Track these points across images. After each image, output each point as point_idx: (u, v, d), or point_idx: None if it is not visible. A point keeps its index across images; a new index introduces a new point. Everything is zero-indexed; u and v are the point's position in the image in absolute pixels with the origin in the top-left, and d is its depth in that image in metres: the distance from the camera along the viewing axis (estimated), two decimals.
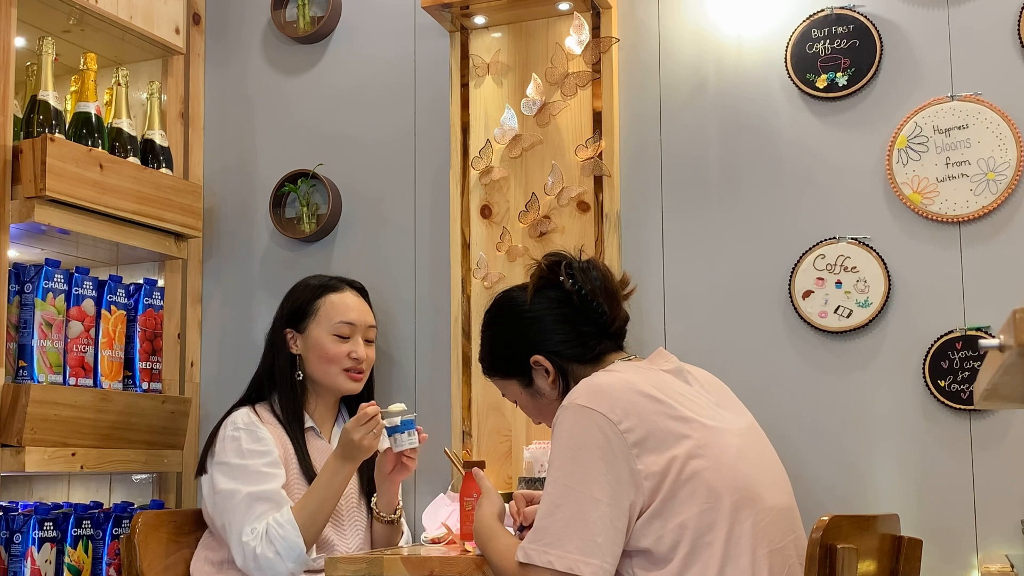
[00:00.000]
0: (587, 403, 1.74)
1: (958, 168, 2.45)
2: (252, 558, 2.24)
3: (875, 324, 2.48)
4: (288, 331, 2.53)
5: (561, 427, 1.76)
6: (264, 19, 3.17)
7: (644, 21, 2.76)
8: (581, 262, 1.97)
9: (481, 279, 2.74)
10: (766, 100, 2.64)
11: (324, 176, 2.98)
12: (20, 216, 2.56)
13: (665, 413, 1.74)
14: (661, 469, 1.69)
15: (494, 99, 2.79)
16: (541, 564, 1.67)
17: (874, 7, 2.56)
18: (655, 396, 1.76)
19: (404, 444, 2.34)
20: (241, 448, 2.36)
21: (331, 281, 2.59)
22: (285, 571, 2.24)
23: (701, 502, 1.69)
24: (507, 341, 2.00)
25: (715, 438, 1.75)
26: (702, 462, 1.71)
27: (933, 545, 2.22)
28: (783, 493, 1.83)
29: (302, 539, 2.24)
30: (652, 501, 1.69)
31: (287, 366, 2.51)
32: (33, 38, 2.80)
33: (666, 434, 1.72)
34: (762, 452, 1.86)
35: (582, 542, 1.66)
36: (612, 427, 1.71)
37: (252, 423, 2.40)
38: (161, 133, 2.99)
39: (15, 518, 2.65)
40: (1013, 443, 2.36)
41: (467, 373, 2.73)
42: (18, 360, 2.59)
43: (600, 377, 1.82)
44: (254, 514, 2.27)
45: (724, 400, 1.91)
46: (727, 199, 2.65)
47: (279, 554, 2.23)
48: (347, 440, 2.30)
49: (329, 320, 2.50)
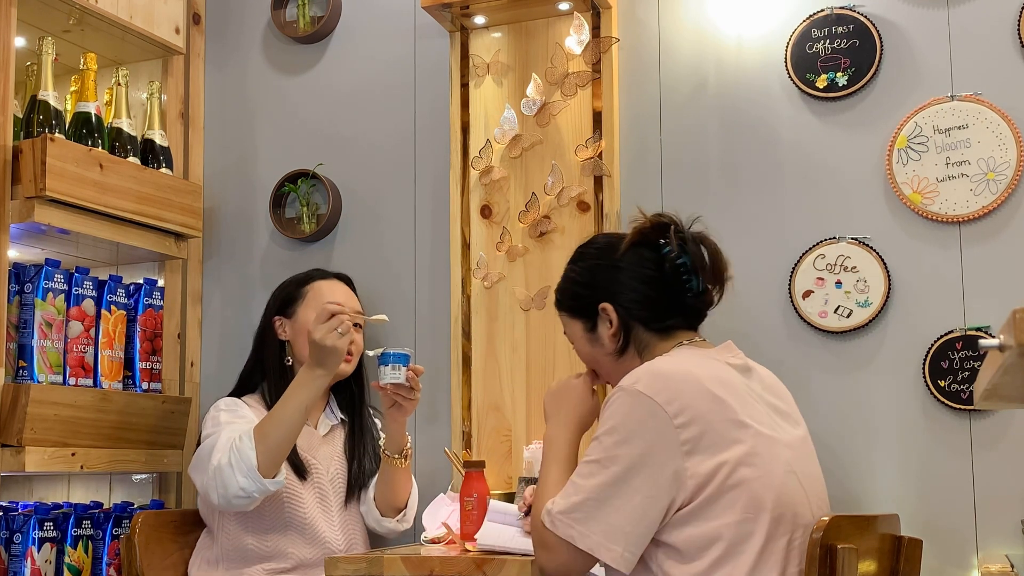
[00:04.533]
0: (645, 390, 1.70)
1: (958, 168, 2.45)
2: (213, 471, 2.21)
3: (875, 324, 2.48)
4: (277, 318, 2.57)
5: (614, 408, 1.72)
6: (264, 19, 3.17)
7: (644, 21, 2.76)
8: (687, 232, 1.91)
9: (481, 279, 2.74)
10: (766, 100, 2.64)
11: (324, 176, 2.98)
12: (20, 216, 2.56)
13: (723, 414, 1.70)
14: (708, 471, 1.66)
15: (494, 99, 2.79)
16: (563, 536, 1.67)
17: (874, 7, 2.56)
18: (716, 394, 1.71)
19: (387, 378, 2.27)
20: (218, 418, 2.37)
21: (317, 271, 2.67)
22: (235, 485, 2.19)
23: (741, 511, 1.66)
24: (585, 281, 1.95)
25: (768, 448, 1.71)
26: (751, 471, 1.67)
27: (933, 545, 2.22)
28: (821, 508, 1.80)
29: (255, 452, 2.19)
30: (692, 500, 1.67)
31: (276, 352, 2.54)
32: (33, 38, 2.80)
33: (720, 436, 1.68)
34: (809, 468, 1.82)
35: (609, 527, 1.65)
36: (667, 420, 1.67)
37: (234, 403, 2.44)
38: (161, 133, 2.99)
39: (15, 518, 2.65)
40: (1013, 443, 2.36)
41: (467, 373, 2.73)
42: (18, 360, 2.59)
43: (664, 364, 1.78)
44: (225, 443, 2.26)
45: (783, 406, 1.87)
46: (727, 199, 2.65)
47: (231, 465, 2.19)
48: (311, 341, 2.24)
49: (317, 301, 2.51)
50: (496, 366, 2.71)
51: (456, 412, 2.72)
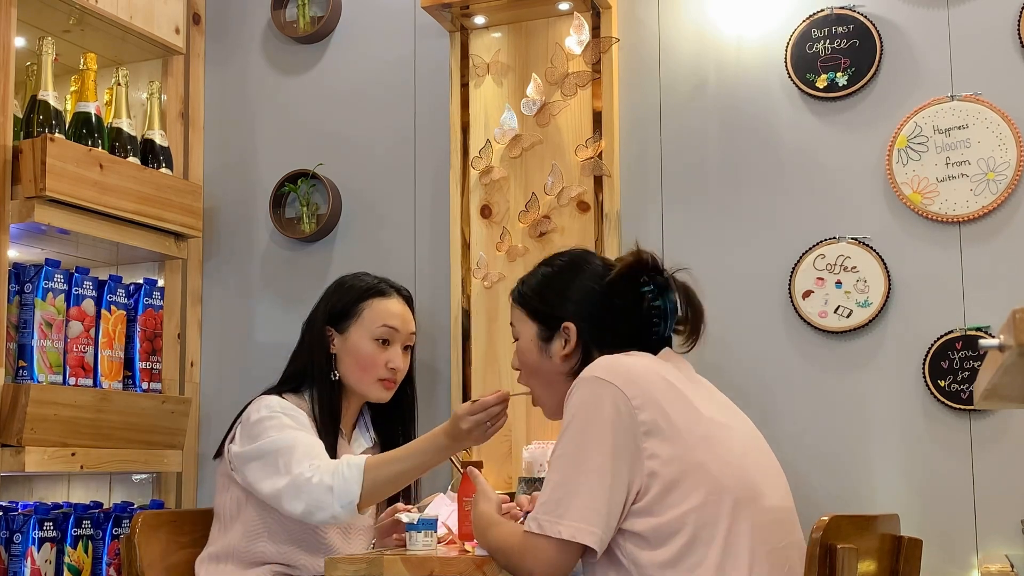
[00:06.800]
0: (604, 376, 1.74)
1: (958, 168, 2.45)
2: (303, 482, 2.11)
3: (875, 324, 2.48)
4: (328, 329, 2.43)
5: (575, 397, 1.76)
6: (264, 19, 3.17)
7: (644, 21, 2.76)
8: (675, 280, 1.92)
9: (481, 279, 2.74)
10: (766, 100, 2.64)
11: (324, 176, 2.98)
12: (20, 216, 2.56)
13: (678, 402, 1.74)
14: (666, 455, 1.70)
15: (494, 99, 2.79)
16: (551, 534, 1.68)
17: (874, 7, 2.56)
18: (672, 383, 1.77)
19: (418, 544, 2.10)
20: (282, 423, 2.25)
21: (379, 284, 2.47)
22: (331, 510, 2.11)
23: (703, 494, 1.69)
24: (558, 290, 1.94)
25: (723, 433, 1.76)
26: (708, 455, 1.71)
27: (933, 545, 2.22)
28: (783, 495, 1.83)
29: (361, 488, 2.11)
30: (652, 485, 1.69)
31: (325, 364, 2.40)
32: (33, 38, 2.80)
33: (677, 421, 1.72)
34: (765, 454, 1.86)
35: (586, 510, 1.67)
36: (626, 402, 1.71)
37: (289, 407, 2.30)
38: (161, 133, 2.99)
39: (15, 518, 2.65)
40: (1013, 443, 2.36)
41: (467, 373, 2.72)
42: (18, 360, 2.59)
43: (619, 357, 1.81)
44: (315, 453, 2.16)
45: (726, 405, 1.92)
46: (727, 199, 2.65)
47: (332, 489, 2.10)
48: (455, 422, 2.12)
49: (372, 324, 2.40)
50: (496, 366, 2.70)
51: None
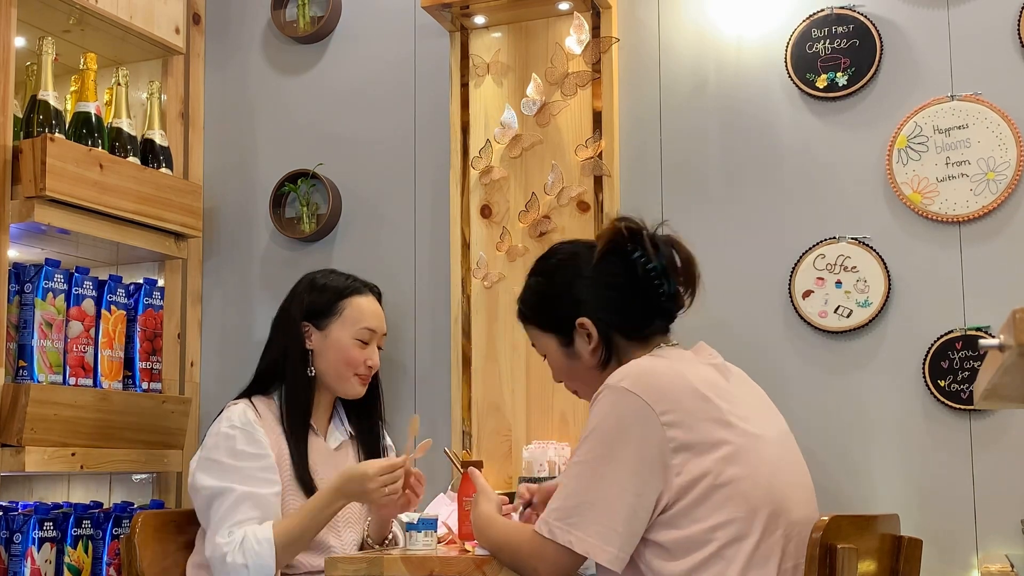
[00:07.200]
0: (632, 387, 1.69)
1: (958, 168, 2.45)
2: (221, 560, 2.20)
3: (875, 324, 2.48)
4: (306, 324, 2.42)
5: (601, 407, 1.71)
6: (264, 19, 3.17)
7: (644, 21, 2.76)
8: (658, 236, 1.86)
9: (481, 279, 2.74)
10: (766, 100, 2.64)
11: (324, 176, 2.98)
12: (20, 216, 2.56)
13: (709, 413, 1.69)
14: (696, 469, 1.66)
15: (494, 99, 2.79)
16: (562, 542, 1.66)
17: (874, 7, 2.56)
18: (703, 393, 1.70)
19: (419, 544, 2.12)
20: (235, 448, 2.29)
21: (355, 283, 2.47)
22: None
23: (733, 510, 1.65)
24: (556, 294, 1.88)
25: (753, 445, 1.71)
26: (739, 470, 1.67)
27: (933, 545, 2.22)
28: (811, 507, 1.80)
29: (275, 560, 2.19)
30: (680, 499, 1.66)
31: (300, 360, 2.40)
32: (33, 38, 2.80)
33: (706, 435, 1.67)
34: (795, 463, 1.82)
35: (603, 528, 1.65)
36: (654, 417, 1.66)
37: (249, 423, 2.32)
38: (161, 133, 2.99)
39: (15, 518, 2.65)
40: (1013, 443, 2.36)
41: (467, 373, 2.73)
42: (18, 360, 2.59)
43: (650, 362, 1.76)
44: (236, 516, 2.22)
45: (760, 402, 1.87)
46: (727, 199, 2.65)
47: (247, 567, 2.18)
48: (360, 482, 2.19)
49: (355, 324, 2.40)
50: (496, 366, 2.71)
51: (456, 412, 2.72)
